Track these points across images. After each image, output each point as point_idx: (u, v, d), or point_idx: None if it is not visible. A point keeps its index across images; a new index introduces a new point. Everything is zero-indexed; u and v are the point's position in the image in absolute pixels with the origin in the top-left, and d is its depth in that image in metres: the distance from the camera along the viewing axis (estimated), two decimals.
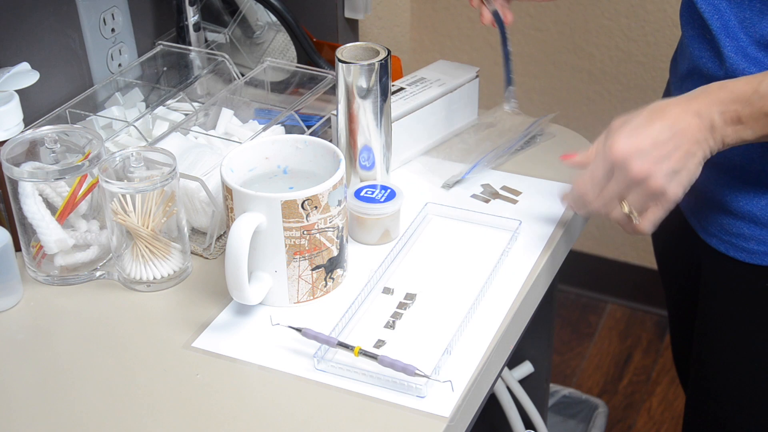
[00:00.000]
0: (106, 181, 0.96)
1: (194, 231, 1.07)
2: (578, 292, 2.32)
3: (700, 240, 1.08)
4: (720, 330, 1.09)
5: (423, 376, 0.85)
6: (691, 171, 0.93)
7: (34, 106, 1.14)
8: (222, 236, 1.06)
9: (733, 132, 0.91)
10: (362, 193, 1.05)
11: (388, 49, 1.05)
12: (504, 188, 1.14)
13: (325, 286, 0.97)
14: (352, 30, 1.48)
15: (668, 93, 1.17)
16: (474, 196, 1.13)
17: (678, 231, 1.15)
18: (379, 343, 0.92)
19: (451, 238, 1.06)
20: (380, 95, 1.05)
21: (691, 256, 1.15)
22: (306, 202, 0.91)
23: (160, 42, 1.27)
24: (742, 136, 0.92)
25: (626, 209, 0.95)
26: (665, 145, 0.91)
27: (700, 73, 1.03)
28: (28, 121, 1.06)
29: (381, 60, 1.03)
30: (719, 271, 1.08)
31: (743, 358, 1.07)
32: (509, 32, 1.15)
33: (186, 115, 1.16)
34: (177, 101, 1.19)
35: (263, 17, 1.32)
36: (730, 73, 0.97)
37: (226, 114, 1.16)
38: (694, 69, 1.04)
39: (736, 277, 1.05)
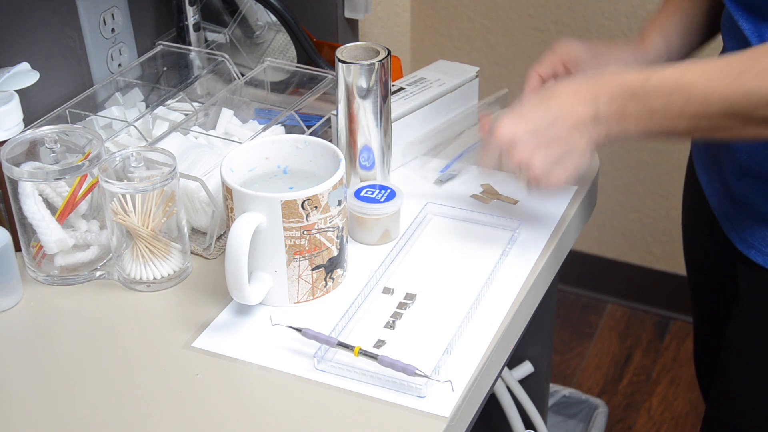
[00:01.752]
0: (106, 181, 0.96)
1: (194, 231, 1.07)
2: (578, 292, 2.32)
3: (737, 251, 1.05)
4: (752, 344, 1.06)
5: (423, 376, 0.85)
6: (575, 159, 0.93)
7: (34, 106, 1.14)
8: (222, 236, 1.06)
9: (616, 125, 0.90)
10: (362, 193, 1.05)
11: (388, 49, 1.05)
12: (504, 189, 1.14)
13: (325, 286, 0.97)
14: (352, 30, 1.48)
15: None
16: (474, 196, 1.13)
17: (713, 239, 1.12)
18: (379, 343, 0.92)
19: (451, 238, 1.06)
20: (380, 95, 1.05)
21: (725, 265, 1.12)
22: (306, 202, 0.91)
23: (160, 42, 1.27)
24: (626, 130, 0.91)
25: (524, 183, 0.96)
26: (545, 133, 0.91)
27: None
28: (28, 121, 1.06)
29: (381, 60, 1.03)
30: (756, 284, 1.04)
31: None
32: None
33: (186, 115, 1.16)
34: (177, 101, 1.19)
35: (263, 17, 1.32)
36: None
37: (226, 114, 1.16)
38: None
39: None
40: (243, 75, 1.23)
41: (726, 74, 0.86)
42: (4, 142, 1.00)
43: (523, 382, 1.43)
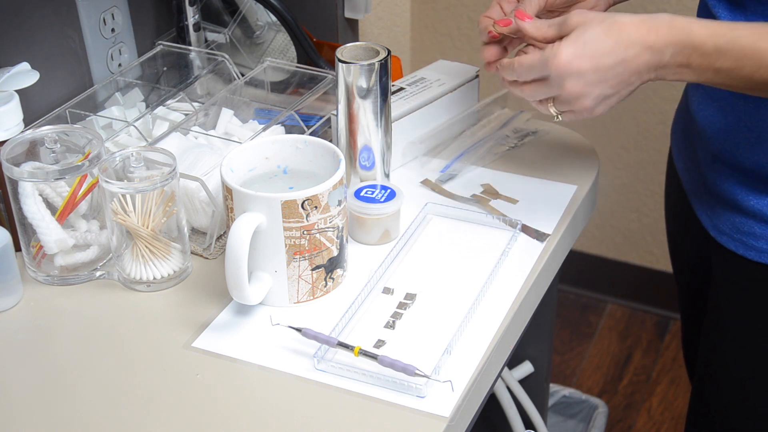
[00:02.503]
0: (106, 181, 0.96)
1: (194, 231, 1.07)
2: (578, 292, 2.32)
3: (711, 238, 1.08)
4: (727, 327, 1.09)
5: (423, 376, 0.85)
6: (622, 96, 0.93)
7: (34, 106, 1.14)
8: (222, 236, 1.06)
9: (676, 73, 0.91)
10: (362, 193, 1.05)
11: (388, 49, 1.05)
12: (504, 189, 1.14)
13: (325, 286, 0.97)
14: (352, 30, 1.48)
15: (685, 94, 1.16)
16: (474, 196, 1.13)
17: (689, 228, 1.15)
18: (379, 343, 0.92)
19: (451, 238, 1.06)
20: (380, 95, 1.05)
21: (702, 253, 1.15)
22: (306, 202, 0.91)
23: (160, 42, 1.27)
24: (684, 77, 0.91)
25: (552, 111, 0.96)
26: (607, 71, 0.91)
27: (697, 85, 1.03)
28: (28, 121, 1.06)
29: (381, 60, 1.03)
30: (729, 269, 1.07)
31: (749, 355, 1.07)
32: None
33: (186, 115, 1.16)
34: (177, 101, 1.19)
35: (263, 17, 1.32)
36: None
37: (226, 114, 1.16)
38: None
39: (745, 276, 1.05)
40: (243, 75, 1.23)
41: None
42: (4, 142, 1.00)
43: (523, 382, 1.43)
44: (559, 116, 0.96)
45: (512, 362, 1.42)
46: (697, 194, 1.11)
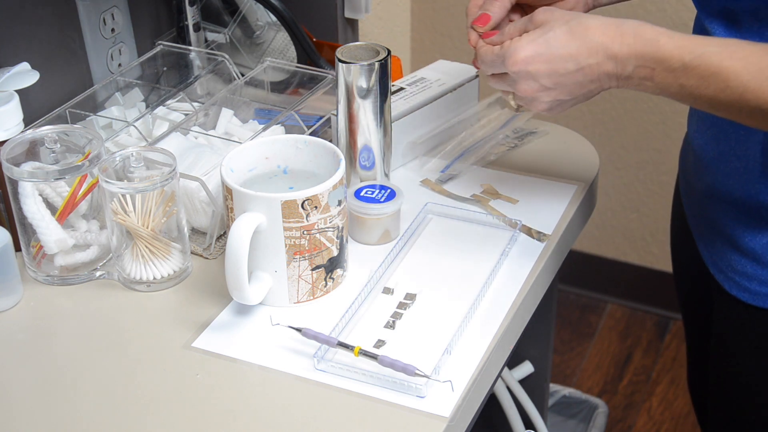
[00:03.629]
0: (106, 181, 0.96)
1: (194, 231, 1.07)
2: (578, 292, 2.32)
3: (711, 275, 1.02)
4: (730, 373, 1.03)
5: (423, 376, 0.85)
6: (579, 101, 0.90)
7: (34, 106, 1.14)
8: (222, 236, 1.06)
9: (639, 85, 0.86)
10: (362, 193, 1.05)
11: (388, 49, 1.05)
12: (504, 189, 1.14)
13: (325, 286, 0.97)
14: (352, 30, 1.48)
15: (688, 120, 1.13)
16: (474, 196, 1.13)
17: (694, 262, 1.09)
18: (379, 343, 0.92)
19: (451, 238, 1.06)
20: (380, 95, 1.05)
21: (706, 290, 1.09)
22: (306, 202, 0.91)
23: (160, 42, 1.27)
24: (647, 90, 0.86)
25: (512, 104, 0.93)
26: (564, 77, 0.86)
27: None
28: (28, 121, 1.06)
29: (381, 60, 1.03)
30: (726, 310, 1.01)
31: (752, 401, 1.01)
32: None
33: (186, 115, 1.16)
34: (177, 101, 1.19)
35: (263, 17, 1.32)
36: None
37: (226, 114, 1.16)
38: None
39: (741, 319, 0.99)
40: (243, 75, 1.23)
41: None
42: (4, 142, 1.00)
43: (523, 382, 1.43)
44: (519, 110, 0.94)
45: (512, 362, 1.42)
46: (698, 228, 1.06)
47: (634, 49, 0.84)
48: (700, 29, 0.97)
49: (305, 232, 0.93)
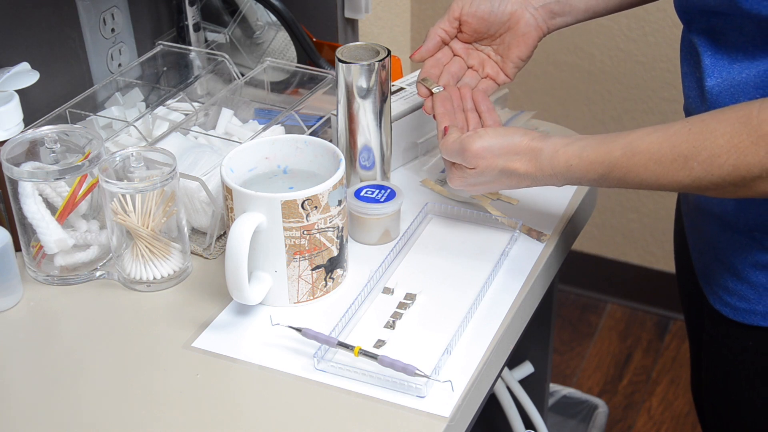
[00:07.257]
0: (106, 181, 0.96)
1: (194, 231, 1.07)
2: (578, 292, 2.32)
3: (701, 288, 1.03)
4: (719, 380, 1.04)
5: (423, 376, 0.85)
6: (505, 190, 1.00)
7: (34, 106, 1.14)
8: (222, 236, 1.06)
9: (560, 182, 0.94)
10: (362, 193, 1.05)
11: (388, 49, 1.05)
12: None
13: (325, 286, 0.97)
14: (352, 30, 1.48)
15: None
16: (474, 196, 1.13)
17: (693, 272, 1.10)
18: (379, 343, 0.92)
19: (451, 238, 1.06)
20: (380, 95, 1.05)
21: (701, 294, 1.08)
22: (306, 202, 0.91)
23: (160, 42, 1.27)
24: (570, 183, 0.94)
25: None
26: (493, 183, 0.96)
27: (689, 112, 0.98)
28: (28, 121, 1.06)
29: (381, 60, 1.03)
30: (711, 320, 1.02)
31: (741, 408, 1.01)
32: None
33: (186, 115, 1.16)
34: (177, 101, 1.19)
35: (263, 17, 1.32)
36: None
37: (226, 114, 1.16)
38: (687, 107, 0.99)
39: (725, 331, 1.00)
40: (243, 75, 1.23)
41: (673, 160, 0.85)
42: (4, 142, 1.00)
43: (523, 382, 1.43)
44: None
45: (512, 362, 1.42)
46: (691, 236, 1.06)
47: (555, 173, 0.92)
48: (687, 44, 0.98)
49: (305, 232, 0.93)
